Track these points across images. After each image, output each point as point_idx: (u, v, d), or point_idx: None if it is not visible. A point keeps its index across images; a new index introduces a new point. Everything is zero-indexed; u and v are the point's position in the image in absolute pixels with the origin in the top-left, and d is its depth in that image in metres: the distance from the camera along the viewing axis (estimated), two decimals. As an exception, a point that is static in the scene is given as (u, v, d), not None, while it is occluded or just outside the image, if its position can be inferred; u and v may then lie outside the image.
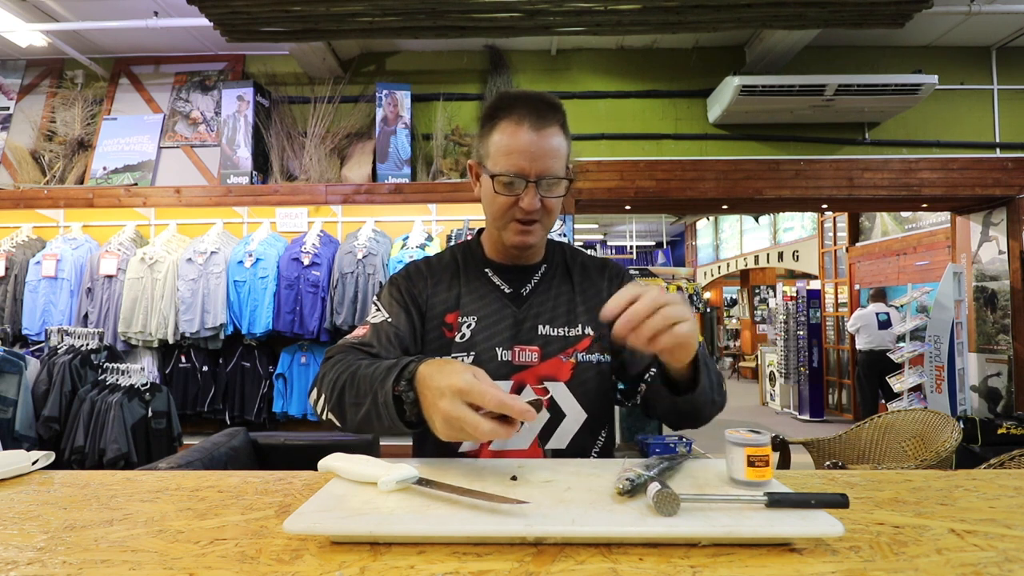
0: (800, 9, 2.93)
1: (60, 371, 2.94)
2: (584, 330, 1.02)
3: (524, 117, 0.93)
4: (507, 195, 0.95)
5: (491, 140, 0.96)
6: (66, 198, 3.76)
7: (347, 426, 0.84)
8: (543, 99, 0.96)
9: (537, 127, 0.93)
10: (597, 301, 1.04)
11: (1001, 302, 4.18)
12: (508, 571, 0.50)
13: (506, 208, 0.96)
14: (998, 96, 4.03)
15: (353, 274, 3.39)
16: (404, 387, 0.74)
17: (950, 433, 2.35)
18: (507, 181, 0.94)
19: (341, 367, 0.86)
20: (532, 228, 0.97)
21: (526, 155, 0.92)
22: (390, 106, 3.81)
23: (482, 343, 0.98)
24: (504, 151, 0.93)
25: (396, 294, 1.02)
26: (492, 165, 0.96)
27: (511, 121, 0.94)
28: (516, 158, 0.93)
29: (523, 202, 0.94)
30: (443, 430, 0.68)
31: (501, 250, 1.05)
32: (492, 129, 0.96)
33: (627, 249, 13.60)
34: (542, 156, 0.93)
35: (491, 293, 1.03)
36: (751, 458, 0.67)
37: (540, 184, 0.94)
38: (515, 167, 0.93)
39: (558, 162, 0.95)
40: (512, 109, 0.94)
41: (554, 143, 0.94)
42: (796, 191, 3.88)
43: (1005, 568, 0.51)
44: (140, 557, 0.54)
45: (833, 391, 6.98)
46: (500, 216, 0.97)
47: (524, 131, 0.93)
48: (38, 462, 0.86)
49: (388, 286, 1.05)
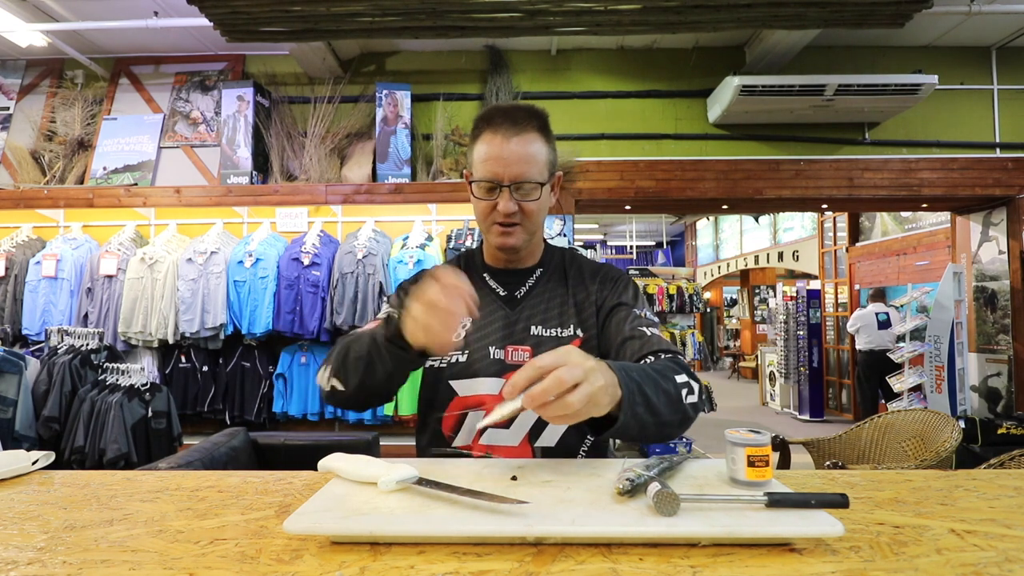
0: (800, 9, 2.93)
1: (60, 371, 2.94)
2: (575, 331, 1.04)
3: (500, 125, 0.98)
4: (486, 200, 1.00)
5: (474, 150, 1.02)
6: (66, 198, 3.76)
7: (348, 386, 0.90)
8: (522, 108, 1.01)
9: (511, 134, 0.97)
10: (587, 304, 1.08)
11: (1001, 302, 4.18)
12: (508, 571, 0.50)
13: (487, 212, 1.01)
14: (998, 96, 4.03)
15: (353, 274, 3.39)
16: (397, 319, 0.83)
17: (950, 433, 2.35)
18: (485, 187, 1.00)
19: (345, 339, 0.95)
20: (513, 230, 1.02)
21: (500, 161, 0.97)
22: (390, 106, 3.81)
23: (475, 343, 1.03)
24: (482, 158, 0.99)
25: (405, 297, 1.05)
26: (474, 173, 1.02)
27: (489, 131, 0.99)
28: (491, 164, 0.98)
29: (499, 206, 0.99)
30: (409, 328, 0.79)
31: (495, 255, 1.11)
32: (476, 140, 1.02)
33: (627, 249, 13.61)
34: (516, 162, 0.97)
35: (486, 296, 1.07)
36: (751, 458, 0.67)
37: (516, 188, 0.98)
38: (490, 173, 0.98)
39: (534, 167, 0.98)
40: (491, 120, 1.00)
41: (530, 149, 0.98)
42: (796, 191, 3.88)
43: (1005, 568, 0.51)
44: (140, 557, 0.54)
45: (833, 391, 6.98)
46: (483, 220, 1.04)
47: (497, 140, 0.98)
48: (38, 462, 0.86)
49: (399, 290, 1.12)
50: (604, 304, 1.07)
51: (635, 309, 1.04)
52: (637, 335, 0.99)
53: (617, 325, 1.02)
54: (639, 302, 1.07)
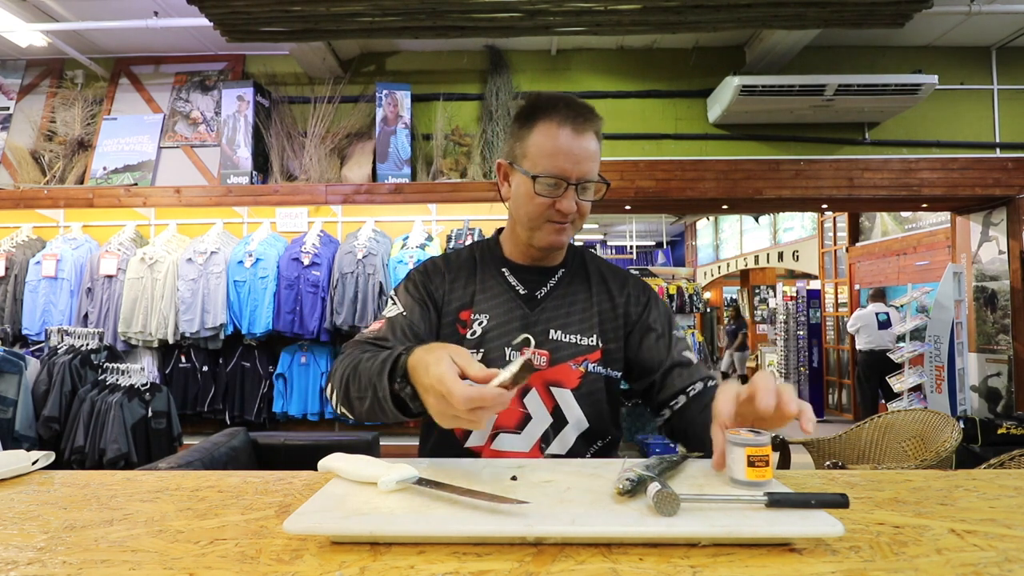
0: (800, 9, 2.93)
1: (60, 371, 2.94)
2: (597, 342, 1.01)
3: (566, 120, 0.92)
4: (547, 196, 0.94)
5: (530, 141, 0.95)
6: (66, 198, 3.76)
7: (358, 418, 0.86)
8: (582, 103, 0.96)
9: (579, 131, 0.92)
10: (612, 316, 1.04)
11: (1001, 302, 4.18)
12: (508, 571, 0.50)
13: (544, 209, 0.95)
14: (998, 96, 4.03)
15: (353, 274, 3.39)
16: (400, 384, 0.75)
17: (950, 433, 2.35)
18: (549, 183, 0.93)
19: (348, 361, 0.87)
20: (565, 227, 0.98)
21: (569, 157, 0.92)
22: (390, 106, 3.81)
23: (491, 342, 0.99)
24: (546, 152, 0.92)
25: (412, 289, 1.03)
26: (531, 166, 0.94)
27: (552, 123, 0.93)
28: (559, 160, 0.92)
29: (561, 204, 0.94)
30: (441, 422, 0.69)
31: (523, 251, 1.05)
32: (530, 130, 0.95)
33: (627, 249, 13.60)
34: (584, 159, 0.93)
35: (505, 293, 1.03)
36: (751, 458, 0.67)
37: (578, 187, 0.94)
38: (557, 169, 0.92)
39: (596, 166, 0.95)
40: (553, 111, 0.93)
41: (593, 147, 0.94)
42: (796, 191, 3.88)
43: (1005, 568, 0.51)
44: (140, 557, 0.54)
45: (833, 391, 6.98)
46: (536, 216, 0.96)
47: (566, 133, 0.92)
48: (38, 462, 0.86)
49: (405, 281, 1.06)
50: (636, 321, 1.05)
51: (674, 332, 1.05)
52: (684, 362, 1.02)
53: (657, 349, 1.02)
54: (671, 321, 1.07)
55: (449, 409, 0.66)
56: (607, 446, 1.02)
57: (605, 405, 1.01)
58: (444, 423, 0.68)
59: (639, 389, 1.06)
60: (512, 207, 1.02)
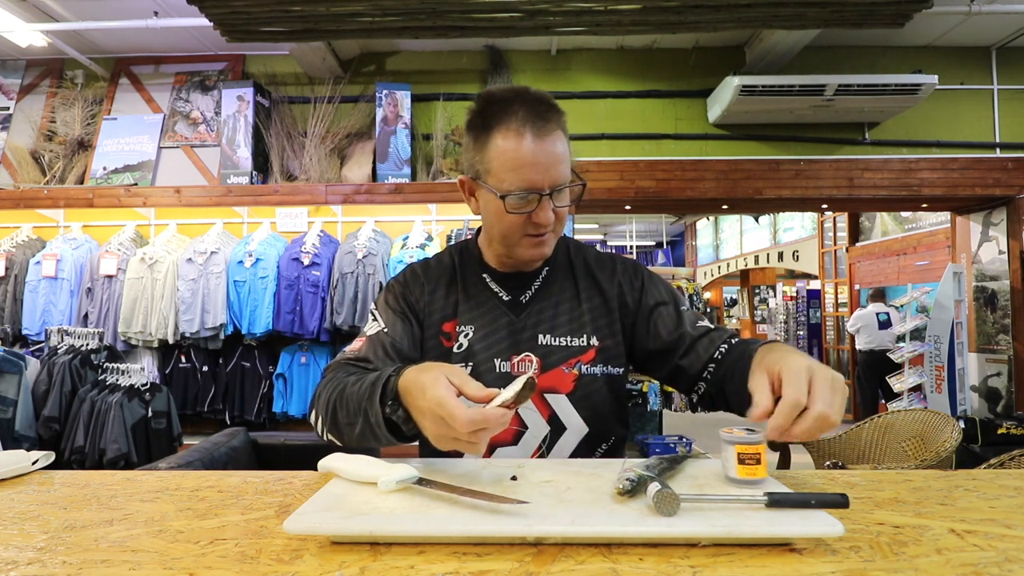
0: (800, 9, 2.93)
1: (60, 371, 2.94)
2: (590, 341, 0.95)
3: (525, 123, 0.83)
4: (520, 213, 0.86)
5: (490, 153, 0.85)
6: (66, 198, 3.76)
7: (347, 444, 0.82)
8: (540, 99, 0.86)
9: (541, 134, 0.83)
10: (605, 311, 0.98)
11: (1001, 302, 4.18)
12: (508, 571, 0.50)
13: (518, 226, 0.88)
14: (998, 96, 4.03)
15: (353, 274, 3.39)
16: (392, 406, 0.73)
17: (950, 433, 2.35)
18: (520, 198, 0.84)
19: (332, 386, 0.82)
20: (546, 239, 0.91)
21: (536, 168, 0.83)
22: (390, 106, 3.81)
23: (479, 354, 0.94)
24: (510, 166, 0.83)
25: (392, 302, 0.99)
26: (497, 183, 0.85)
27: (510, 130, 0.83)
28: (526, 172, 0.83)
29: (538, 216, 0.86)
30: (439, 446, 0.67)
31: (503, 261, 0.99)
32: (488, 140, 0.86)
33: (627, 249, 13.60)
34: (552, 165, 0.84)
35: (489, 301, 0.98)
36: (741, 455, 0.67)
37: (552, 194, 0.85)
38: (526, 183, 0.83)
39: (566, 167, 0.86)
40: (509, 115, 0.84)
41: (560, 149, 0.85)
42: (796, 191, 3.88)
43: (1005, 568, 0.51)
44: (140, 557, 0.54)
45: (833, 391, 6.96)
46: (512, 234, 0.89)
47: (528, 140, 0.82)
48: (38, 462, 0.86)
49: (385, 292, 1.01)
50: (636, 308, 0.99)
51: (681, 306, 0.98)
52: (702, 331, 0.95)
53: (670, 326, 0.96)
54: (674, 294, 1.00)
55: (450, 432, 0.63)
56: (612, 448, 0.98)
57: (606, 406, 0.96)
58: (442, 446, 0.66)
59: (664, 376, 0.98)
60: (484, 224, 0.95)
